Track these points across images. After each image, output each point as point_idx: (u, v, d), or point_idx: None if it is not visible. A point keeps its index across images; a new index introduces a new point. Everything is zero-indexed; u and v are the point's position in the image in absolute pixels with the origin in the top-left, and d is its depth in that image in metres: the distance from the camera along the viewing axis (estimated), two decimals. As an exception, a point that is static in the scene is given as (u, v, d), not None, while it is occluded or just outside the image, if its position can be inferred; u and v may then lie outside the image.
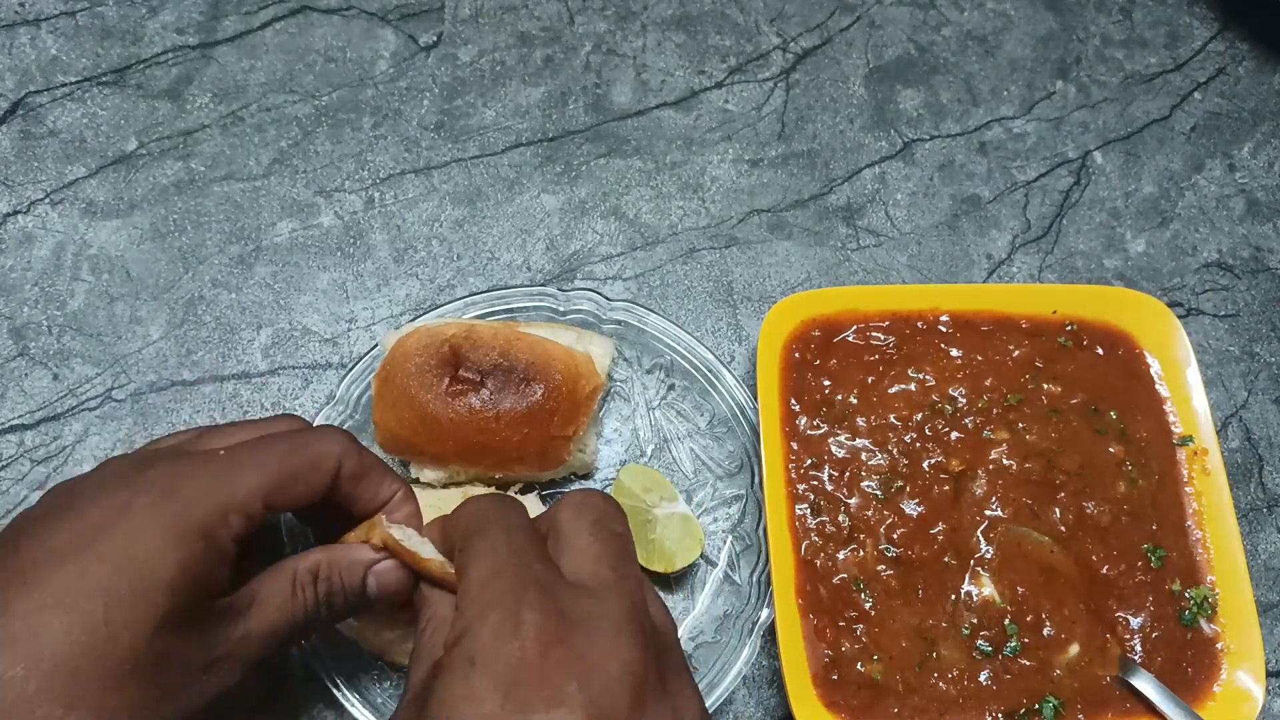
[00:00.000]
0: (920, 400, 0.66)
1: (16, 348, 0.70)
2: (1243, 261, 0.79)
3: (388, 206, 0.77)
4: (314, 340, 0.72)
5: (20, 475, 0.67)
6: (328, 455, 0.48)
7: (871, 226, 0.78)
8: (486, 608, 0.39)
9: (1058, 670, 0.59)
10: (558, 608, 0.39)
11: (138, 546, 0.41)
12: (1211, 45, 0.88)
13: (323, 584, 0.47)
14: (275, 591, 0.46)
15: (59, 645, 0.38)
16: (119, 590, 0.39)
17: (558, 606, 0.39)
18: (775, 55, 0.85)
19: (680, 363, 0.68)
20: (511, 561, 0.41)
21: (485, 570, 0.41)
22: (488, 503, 0.46)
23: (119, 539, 0.40)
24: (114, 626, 0.39)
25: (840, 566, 0.61)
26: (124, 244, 0.74)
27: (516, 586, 0.40)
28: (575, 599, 0.40)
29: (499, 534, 0.43)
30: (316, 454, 0.48)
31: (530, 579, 0.40)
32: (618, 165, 0.79)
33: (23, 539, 0.41)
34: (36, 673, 0.37)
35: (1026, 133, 0.83)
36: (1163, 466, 0.65)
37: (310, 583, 0.47)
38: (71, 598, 0.39)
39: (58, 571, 0.39)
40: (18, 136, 0.77)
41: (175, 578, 0.41)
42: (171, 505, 0.42)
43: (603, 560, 0.43)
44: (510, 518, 0.45)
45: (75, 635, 0.38)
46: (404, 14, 0.84)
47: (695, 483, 0.67)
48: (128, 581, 0.40)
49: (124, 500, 0.42)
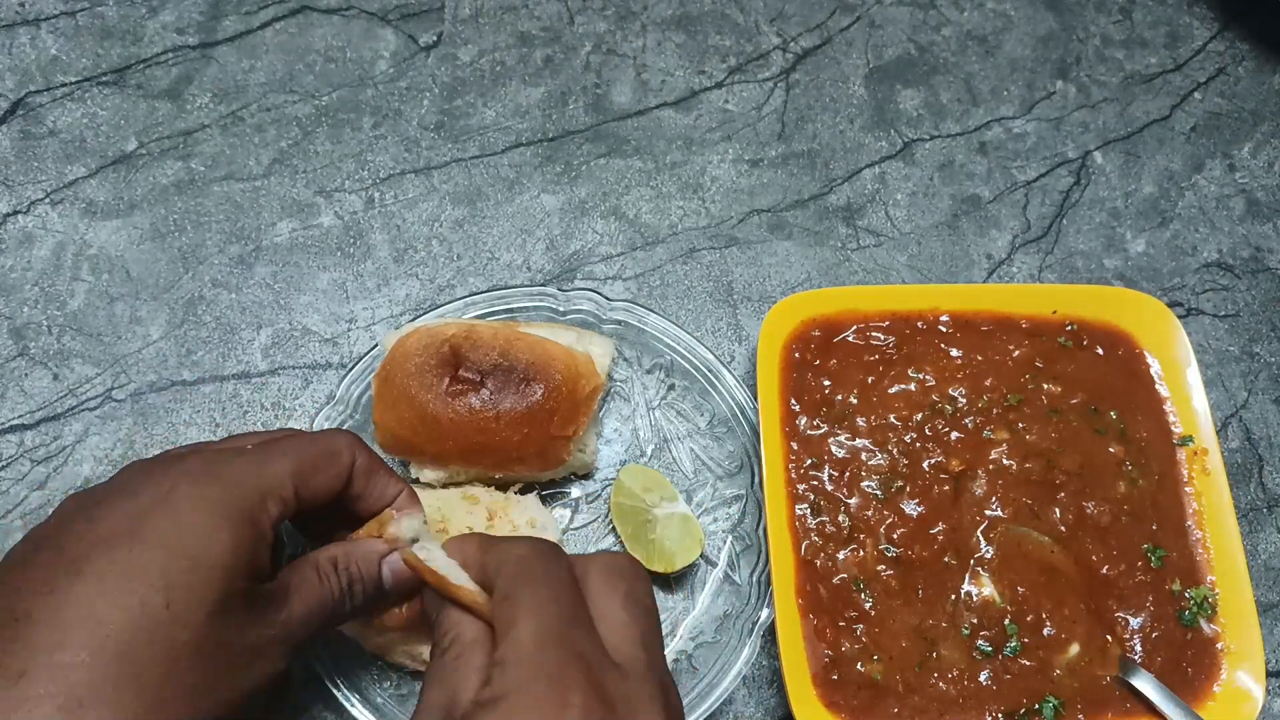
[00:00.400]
0: (920, 400, 0.66)
1: (16, 348, 0.70)
2: (1243, 261, 0.79)
3: (388, 206, 0.77)
4: (314, 340, 0.72)
5: (20, 475, 0.67)
6: (344, 448, 0.50)
7: (871, 226, 0.78)
8: (532, 678, 0.39)
9: (1058, 670, 0.59)
10: (600, 686, 0.39)
11: (189, 529, 0.41)
12: (1211, 45, 0.88)
13: (343, 573, 0.49)
14: (305, 579, 0.47)
15: (121, 630, 0.38)
16: (178, 572, 0.40)
17: (600, 684, 0.39)
18: (775, 55, 0.85)
19: (680, 363, 0.68)
20: (560, 629, 0.41)
21: (532, 632, 0.40)
22: (539, 553, 0.45)
23: (169, 523, 0.41)
24: (175, 609, 0.39)
25: (840, 566, 0.61)
26: (124, 244, 0.74)
27: (563, 660, 0.40)
28: (613, 678, 0.41)
29: (548, 591, 0.43)
30: (334, 447, 0.50)
31: (576, 653, 0.40)
32: (618, 165, 0.79)
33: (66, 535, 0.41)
34: (101, 658, 0.37)
35: (1026, 133, 0.83)
36: (1163, 466, 0.65)
37: (332, 570, 0.48)
38: (131, 583, 0.39)
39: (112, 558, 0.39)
40: (18, 136, 0.77)
41: (228, 559, 0.41)
42: (215, 489, 0.43)
43: (637, 641, 0.43)
44: (560, 574, 0.44)
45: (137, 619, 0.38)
46: (404, 14, 0.84)
47: (695, 483, 0.67)
48: (185, 563, 0.40)
49: (168, 486, 0.42)
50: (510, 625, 0.41)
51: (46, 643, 0.37)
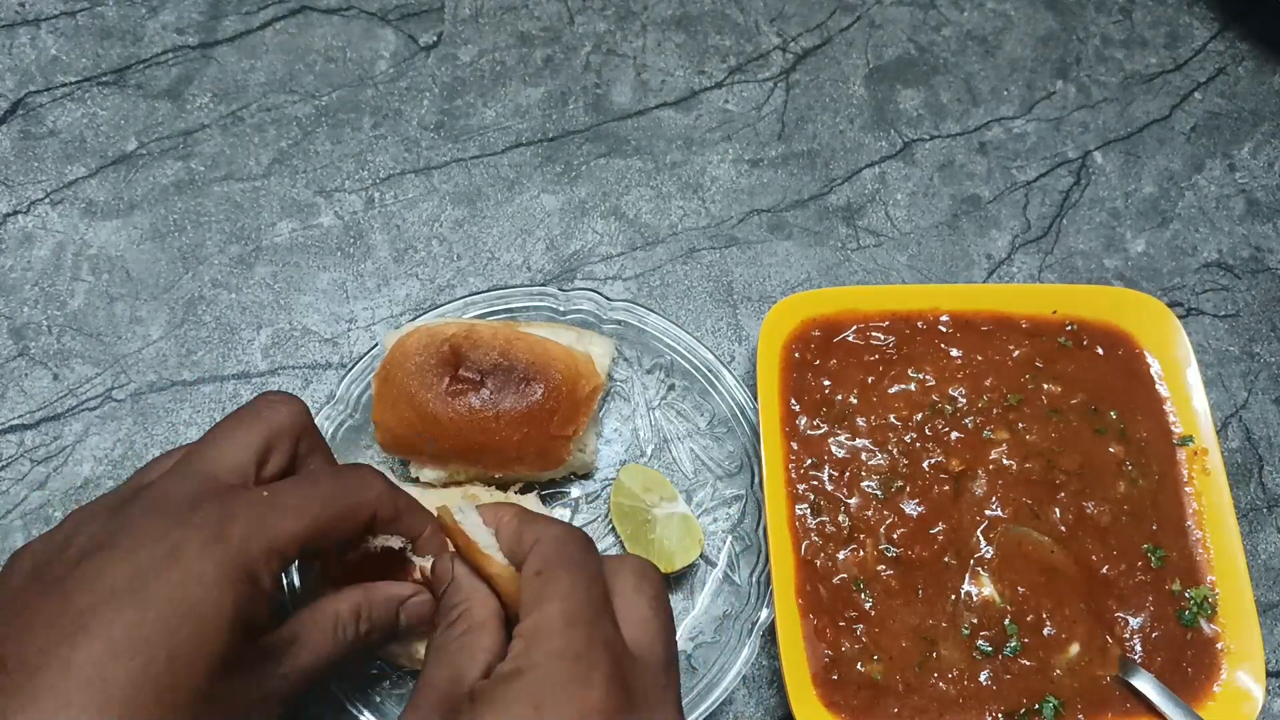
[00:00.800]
0: (920, 400, 0.66)
1: (16, 348, 0.70)
2: (1243, 261, 0.79)
3: (388, 206, 0.77)
4: (314, 340, 0.72)
5: (20, 475, 0.67)
6: (365, 505, 0.49)
7: (871, 226, 0.78)
8: (559, 654, 0.40)
9: (1058, 670, 0.59)
10: (623, 675, 0.40)
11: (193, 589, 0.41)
12: (1211, 45, 0.88)
13: (364, 624, 0.49)
14: (316, 632, 0.47)
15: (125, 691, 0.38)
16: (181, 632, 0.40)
17: (623, 673, 0.40)
18: (775, 55, 0.85)
19: (680, 363, 0.68)
20: (589, 614, 0.42)
21: (562, 611, 0.41)
22: (576, 538, 0.46)
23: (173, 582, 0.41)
24: (177, 670, 0.39)
25: (840, 566, 0.61)
26: (124, 244, 0.74)
27: (591, 642, 0.40)
28: (635, 670, 0.42)
29: (582, 578, 0.43)
30: (355, 504, 0.49)
31: (604, 640, 0.41)
32: (618, 165, 0.79)
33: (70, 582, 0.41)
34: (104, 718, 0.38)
35: (1026, 133, 0.83)
36: (1163, 466, 0.65)
37: (353, 623, 0.49)
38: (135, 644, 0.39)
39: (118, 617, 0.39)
40: (18, 136, 0.77)
41: (230, 618, 0.41)
42: (221, 547, 0.42)
43: (659, 639, 0.44)
44: (593, 565, 0.45)
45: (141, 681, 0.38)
46: (404, 14, 0.84)
47: (695, 483, 0.67)
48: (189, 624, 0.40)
49: (176, 541, 0.42)
50: (540, 601, 0.42)
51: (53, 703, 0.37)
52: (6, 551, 0.64)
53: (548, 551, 0.44)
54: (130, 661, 0.38)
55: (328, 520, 0.47)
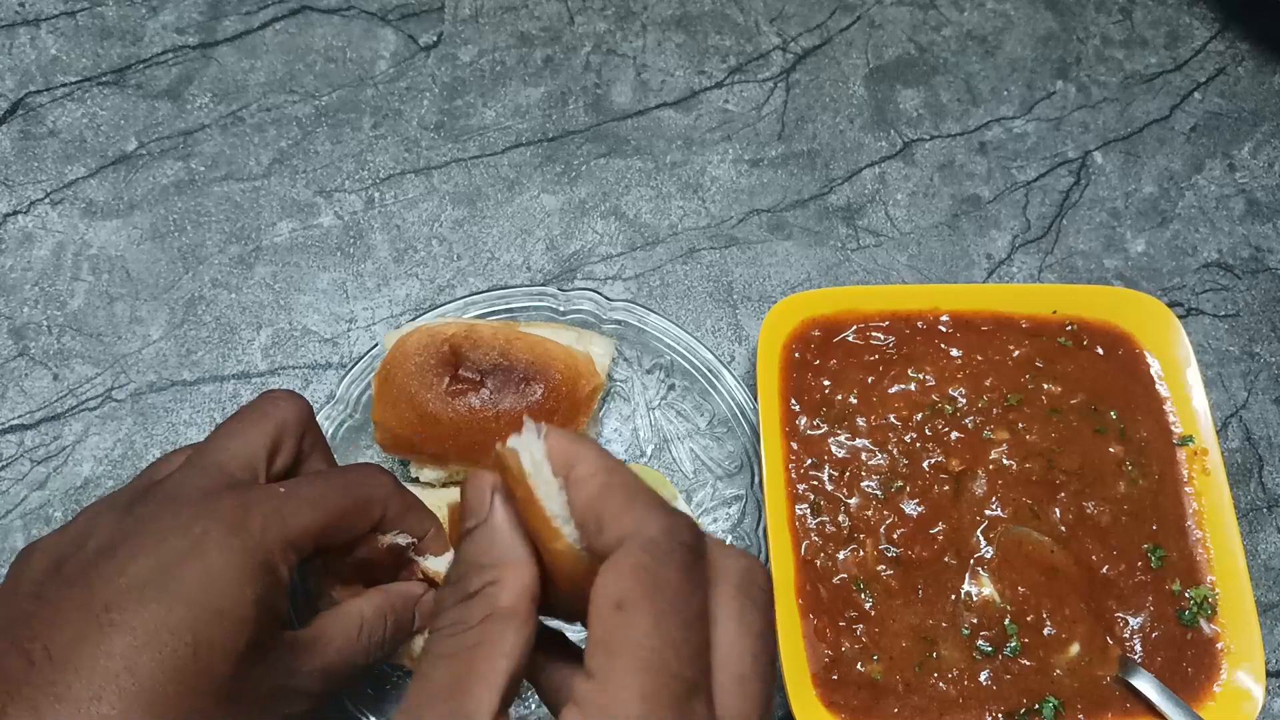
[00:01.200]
0: (920, 400, 0.66)
1: (16, 348, 0.70)
2: (1243, 261, 0.79)
3: (388, 206, 0.77)
4: (314, 340, 0.72)
5: (20, 475, 0.67)
6: (376, 501, 0.50)
7: (871, 226, 0.78)
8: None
9: (1058, 670, 0.59)
10: None
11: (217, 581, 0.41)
12: (1211, 45, 0.88)
13: (391, 625, 0.50)
14: (339, 633, 0.48)
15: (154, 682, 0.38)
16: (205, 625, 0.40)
17: None
18: (775, 55, 0.85)
19: (680, 363, 0.68)
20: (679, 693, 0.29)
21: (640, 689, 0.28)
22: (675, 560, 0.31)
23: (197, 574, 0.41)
24: (203, 660, 0.40)
25: (840, 566, 0.61)
26: (124, 244, 0.74)
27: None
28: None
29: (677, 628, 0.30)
30: (368, 500, 0.49)
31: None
32: (618, 165, 0.80)
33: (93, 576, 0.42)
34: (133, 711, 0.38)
35: (1026, 133, 0.83)
36: (1163, 466, 0.65)
37: (380, 626, 0.49)
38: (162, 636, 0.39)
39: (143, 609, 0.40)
40: (18, 136, 0.77)
41: (253, 609, 0.42)
42: (241, 539, 0.43)
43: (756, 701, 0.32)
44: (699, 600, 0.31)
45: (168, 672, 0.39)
46: (404, 14, 0.84)
47: (695, 483, 0.67)
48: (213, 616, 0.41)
49: (197, 533, 0.42)
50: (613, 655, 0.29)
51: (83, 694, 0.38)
52: (6, 551, 0.64)
53: (640, 573, 0.30)
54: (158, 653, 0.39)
55: (342, 515, 0.47)
